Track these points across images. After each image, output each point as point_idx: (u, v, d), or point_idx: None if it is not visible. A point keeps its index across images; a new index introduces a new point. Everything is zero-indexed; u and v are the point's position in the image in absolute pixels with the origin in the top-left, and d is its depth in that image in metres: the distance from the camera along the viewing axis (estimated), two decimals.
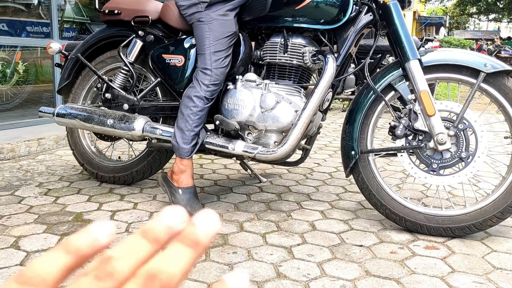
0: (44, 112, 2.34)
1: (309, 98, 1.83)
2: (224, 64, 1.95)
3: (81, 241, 0.22)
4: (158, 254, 0.23)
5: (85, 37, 2.48)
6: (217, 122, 1.93)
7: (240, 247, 1.60)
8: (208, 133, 2.00)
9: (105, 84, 2.24)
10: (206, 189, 2.30)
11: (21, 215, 1.85)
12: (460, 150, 1.74)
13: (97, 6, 2.35)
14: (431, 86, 1.92)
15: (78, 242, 0.22)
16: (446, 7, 27.10)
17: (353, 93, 5.44)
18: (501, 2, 20.56)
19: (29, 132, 3.17)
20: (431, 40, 15.60)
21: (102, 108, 2.23)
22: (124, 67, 2.21)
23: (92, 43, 2.35)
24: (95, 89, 2.34)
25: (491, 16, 26.55)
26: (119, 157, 2.50)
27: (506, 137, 1.80)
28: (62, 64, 2.46)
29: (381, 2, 1.79)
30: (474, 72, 1.74)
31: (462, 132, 1.75)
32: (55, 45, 2.35)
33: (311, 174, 2.63)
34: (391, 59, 4.37)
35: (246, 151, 1.90)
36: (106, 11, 2.27)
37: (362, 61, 1.94)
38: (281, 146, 1.84)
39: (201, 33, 1.96)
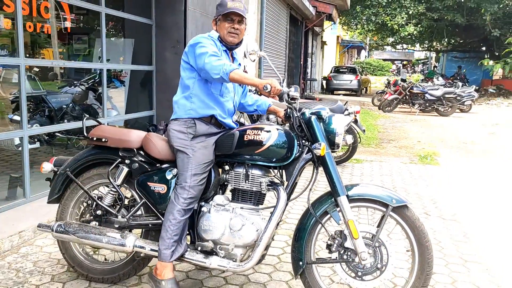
0: (43, 227, 2.73)
1: (267, 224, 2.42)
2: (201, 183, 2.48)
3: None
4: None
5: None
6: (199, 248, 2.47)
7: None
8: (188, 248, 2.53)
9: (94, 202, 2.69)
10: (181, 283, 2.80)
11: None
12: (377, 262, 2.41)
13: (85, 133, 2.78)
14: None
15: None
16: (366, 34, 29.30)
17: None
18: (413, 35, 22.71)
19: (5, 221, 3.46)
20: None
21: (94, 223, 2.67)
22: (113, 189, 2.67)
23: (81, 163, 2.78)
24: (85, 205, 2.77)
25: (405, 46, 29.14)
26: (105, 258, 2.93)
27: (407, 250, 2.50)
28: (51, 178, 2.86)
29: (318, 155, 2.42)
30: (385, 204, 2.42)
31: (378, 248, 2.42)
32: (48, 166, 2.78)
33: (264, 258, 3.20)
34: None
35: (220, 265, 2.45)
36: (95, 138, 2.72)
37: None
38: (248, 262, 2.41)
39: (184, 159, 2.48)
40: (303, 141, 2.52)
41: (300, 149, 2.51)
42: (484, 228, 4.04)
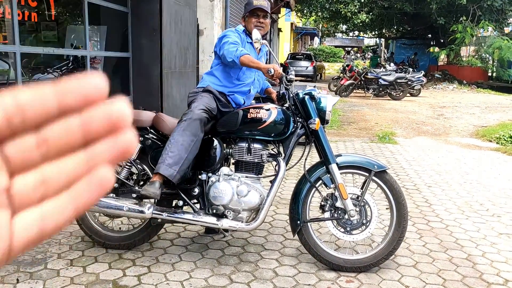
0: None
1: (270, 189, 2.81)
2: (202, 115, 2.79)
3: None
4: None
5: None
6: (214, 211, 2.83)
7: None
8: (201, 213, 2.87)
9: None
10: (188, 247, 3.15)
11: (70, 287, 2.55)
12: (362, 218, 2.87)
13: None
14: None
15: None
16: (321, 21, 30.03)
17: None
18: (365, 23, 23.59)
19: None
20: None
21: (111, 195, 2.96)
22: (128, 163, 2.97)
23: None
24: None
25: (356, 32, 30.19)
26: (120, 227, 3.22)
27: (387, 208, 2.97)
28: None
29: (312, 129, 2.83)
30: (368, 169, 2.87)
31: (363, 207, 2.87)
32: None
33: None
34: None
35: (231, 225, 2.82)
36: None
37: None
38: (255, 221, 2.80)
39: (192, 103, 2.91)
40: (297, 118, 2.92)
41: (295, 125, 2.91)
42: (441, 194, 4.63)
